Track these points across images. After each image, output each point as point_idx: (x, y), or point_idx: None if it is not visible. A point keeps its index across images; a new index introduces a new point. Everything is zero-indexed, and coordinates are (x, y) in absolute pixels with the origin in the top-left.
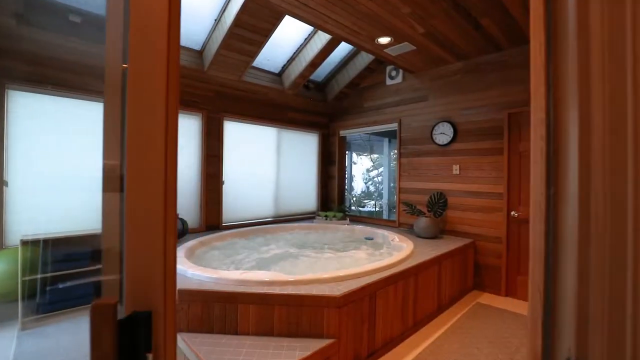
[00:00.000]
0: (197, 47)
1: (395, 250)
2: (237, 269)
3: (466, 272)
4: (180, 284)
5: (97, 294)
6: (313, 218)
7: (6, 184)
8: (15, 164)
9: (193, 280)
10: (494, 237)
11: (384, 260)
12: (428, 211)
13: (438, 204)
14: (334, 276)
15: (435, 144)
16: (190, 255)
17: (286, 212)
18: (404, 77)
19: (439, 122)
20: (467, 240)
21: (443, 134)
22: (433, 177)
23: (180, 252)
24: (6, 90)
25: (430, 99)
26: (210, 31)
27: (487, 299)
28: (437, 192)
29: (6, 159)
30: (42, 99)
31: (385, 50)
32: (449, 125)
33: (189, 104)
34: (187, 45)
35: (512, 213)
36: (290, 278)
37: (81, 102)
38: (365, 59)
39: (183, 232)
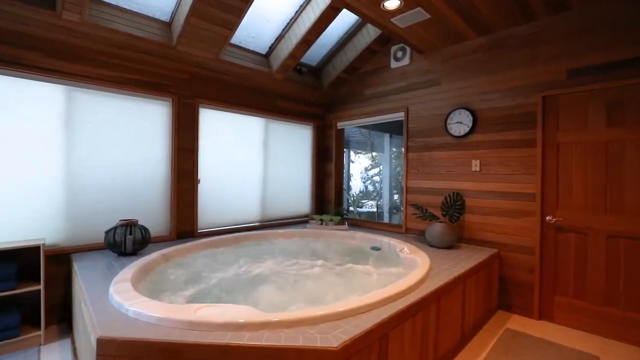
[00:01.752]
0: (166, 17)
1: (407, 266)
2: (198, 295)
3: (490, 289)
4: (107, 327)
5: (28, 322)
6: (306, 222)
7: None
8: None
9: (131, 320)
10: (524, 247)
11: (398, 284)
12: (442, 215)
13: (454, 206)
14: (330, 313)
15: (450, 135)
16: (143, 276)
17: (275, 216)
18: (411, 58)
19: (454, 110)
20: (491, 251)
21: (460, 123)
22: (447, 175)
23: (128, 273)
24: None
25: (443, 83)
26: None
27: (517, 322)
28: (453, 193)
29: None
30: None
31: (392, 19)
32: (466, 112)
33: (156, 87)
34: (151, 15)
35: (548, 218)
36: (267, 318)
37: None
38: (366, 38)
39: (143, 242)
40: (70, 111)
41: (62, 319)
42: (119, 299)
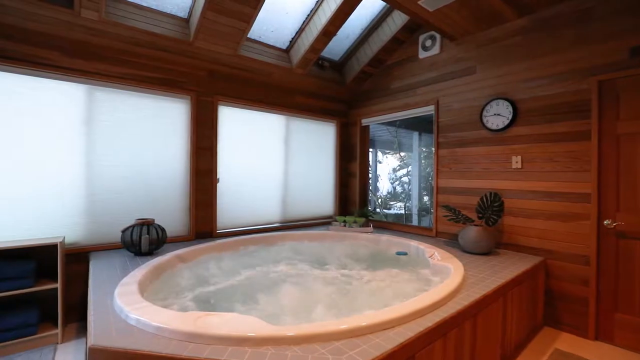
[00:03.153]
0: (183, 13)
1: (438, 275)
2: (205, 300)
3: (535, 303)
4: (102, 334)
5: (43, 320)
6: (329, 224)
7: None
8: None
9: (129, 327)
10: (577, 256)
11: (427, 296)
12: (478, 218)
13: (491, 208)
14: (346, 329)
15: (487, 129)
16: (154, 278)
17: (296, 217)
18: (442, 47)
19: (491, 101)
20: (535, 259)
21: (497, 115)
22: (483, 173)
23: (138, 274)
24: None
25: (478, 72)
26: None
27: (567, 343)
28: (490, 193)
29: None
30: None
31: (419, 2)
32: (505, 103)
33: (174, 84)
34: (168, 11)
35: (606, 222)
36: (273, 332)
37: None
38: (392, 27)
39: (159, 242)
40: (90, 110)
41: (81, 318)
42: (121, 303)
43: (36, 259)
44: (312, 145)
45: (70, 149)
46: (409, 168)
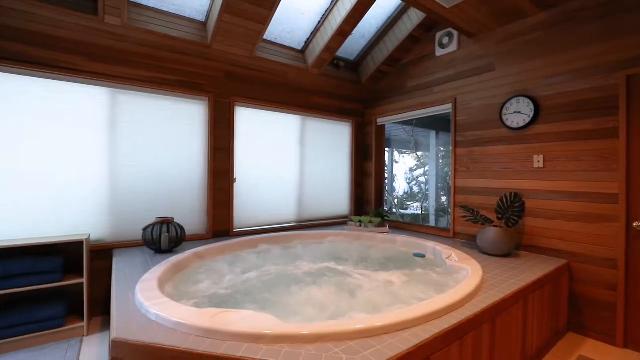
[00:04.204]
0: (201, 17)
1: (455, 276)
2: (221, 298)
3: (558, 307)
4: (124, 328)
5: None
6: (345, 224)
7: None
8: None
9: (149, 321)
10: (603, 259)
11: (444, 297)
12: (498, 218)
13: (512, 208)
14: (360, 329)
15: (506, 127)
16: (173, 275)
17: (312, 217)
18: (459, 44)
19: (511, 98)
20: (558, 262)
21: (518, 113)
22: (503, 173)
23: (158, 271)
24: None
25: (498, 68)
26: None
27: (593, 349)
28: (511, 193)
29: None
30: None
31: None
32: (526, 100)
33: (192, 87)
34: (187, 15)
35: (636, 224)
36: (287, 330)
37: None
38: (408, 25)
39: (178, 240)
40: (113, 112)
41: (105, 312)
42: (142, 298)
43: (64, 255)
44: (328, 145)
45: (95, 151)
46: (426, 168)
